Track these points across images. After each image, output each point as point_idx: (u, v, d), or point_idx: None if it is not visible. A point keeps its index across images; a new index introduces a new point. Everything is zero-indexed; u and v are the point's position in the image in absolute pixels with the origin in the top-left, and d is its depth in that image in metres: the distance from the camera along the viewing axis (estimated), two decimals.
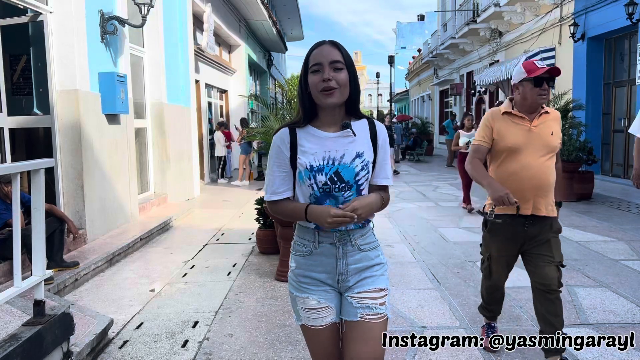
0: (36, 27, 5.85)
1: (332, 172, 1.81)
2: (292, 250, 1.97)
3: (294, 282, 1.95)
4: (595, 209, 8.25)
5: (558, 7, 13.02)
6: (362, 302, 1.87)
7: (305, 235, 1.92)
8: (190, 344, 3.51)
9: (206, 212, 8.76)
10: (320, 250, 1.89)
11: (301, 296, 1.92)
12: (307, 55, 1.83)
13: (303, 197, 1.88)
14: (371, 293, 1.88)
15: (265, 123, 6.04)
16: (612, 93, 11.74)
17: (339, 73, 1.78)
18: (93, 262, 5.07)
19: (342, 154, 1.82)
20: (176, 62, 9.22)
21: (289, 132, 1.87)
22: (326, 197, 1.83)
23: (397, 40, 54.07)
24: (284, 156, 1.86)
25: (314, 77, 1.79)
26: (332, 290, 1.92)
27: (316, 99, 1.81)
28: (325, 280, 1.90)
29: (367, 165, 1.85)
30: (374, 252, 1.94)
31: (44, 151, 6.04)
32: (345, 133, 1.84)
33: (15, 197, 2.72)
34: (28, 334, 2.66)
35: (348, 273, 1.89)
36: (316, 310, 1.90)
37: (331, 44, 1.82)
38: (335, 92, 1.77)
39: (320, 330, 1.92)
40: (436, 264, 5.34)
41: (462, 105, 23.06)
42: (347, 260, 1.88)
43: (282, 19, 24.20)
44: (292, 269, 1.96)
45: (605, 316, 3.85)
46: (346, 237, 1.88)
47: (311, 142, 1.85)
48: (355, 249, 1.89)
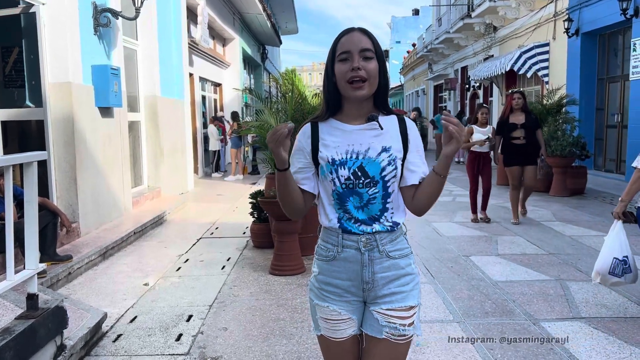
0: (28, 18, 5.79)
1: (356, 167, 1.68)
2: (315, 254, 1.82)
3: (315, 289, 1.80)
4: (588, 203, 8.30)
5: (552, 3, 13.03)
6: (389, 320, 1.71)
7: (329, 238, 1.76)
8: (184, 337, 3.50)
9: (200, 206, 8.74)
10: (344, 256, 1.72)
11: (322, 305, 1.77)
12: (335, 43, 1.70)
13: (326, 195, 1.75)
14: (400, 312, 1.72)
15: (260, 117, 6.02)
16: (605, 88, 11.78)
17: (369, 62, 1.65)
18: (86, 256, 5.05)
19: (367, 147, 1.69)
20: (170, 55, 9.17)
21: (311, 126, 1.76)
22: (350, 194, 1.69)
23: (392, 35, 53.96)
24: (305, 151, 1.75)
25: (341, 66, 1.66)
26: (355, 301, 1.76)
27: (343, 90, 1.68)
28: (349, 289, 1.74)
29: (394, 160, 1.70)
30: (405, 260, 1.75)
31: (36, 144, 6.00)
32: (372, 126, 1.70)
33: (7, 190, 2.70)
34: (21, 327, 2.65)
35: (375, 282, 1.72)
36: (337, 322, 1.76)
37: (361, 31, 1.69)
38: (365, 83, 1.65)
39: (339, 342, 1.78)
40: (430, 258, 5.36)
41: (456, 100, 23.09)
42: (373, 268, 1.72)
43: (276, 12, 24.08)
44: (314, 275, 1.81)
45: (597, 310, 3.88)
46: (373, 242, 1.71)
47: (334, 135, 1.73)
48: (384, 255, 1.72)
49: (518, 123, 6.72)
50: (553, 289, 4.34)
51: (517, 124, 6.72)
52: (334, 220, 1.74)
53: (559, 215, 7.41)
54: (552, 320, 3.70)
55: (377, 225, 1.71)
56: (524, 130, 6.70)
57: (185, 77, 10.10)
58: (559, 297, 4.17)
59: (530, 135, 6.74)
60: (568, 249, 5.56)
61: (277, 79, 6.65)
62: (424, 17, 43.45)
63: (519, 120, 6.73)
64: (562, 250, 5.56)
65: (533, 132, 6.77)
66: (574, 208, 7.93)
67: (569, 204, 8.25)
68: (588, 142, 9.89)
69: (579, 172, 9.30)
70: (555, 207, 8.03)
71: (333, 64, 1.70)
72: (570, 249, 5.60)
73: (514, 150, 6.79)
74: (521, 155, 6.77)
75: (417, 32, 39.94)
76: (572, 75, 12.23)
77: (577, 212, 7.66)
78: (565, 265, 5.02)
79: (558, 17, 12.80)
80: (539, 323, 3.64)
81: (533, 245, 5.80)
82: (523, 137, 6.70)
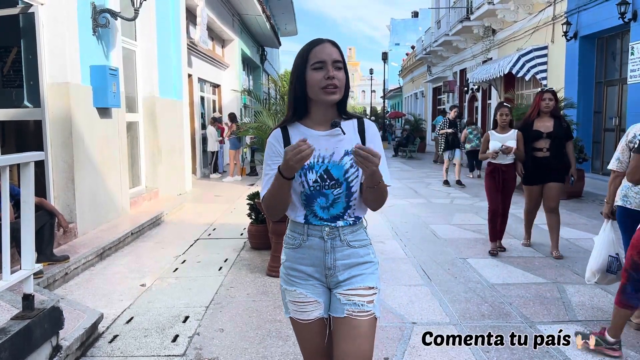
0: (27, 19, 5.79)
1: (322, 170, 1.84)
2: (284, 243, 1.99)
3: (284, 275, 1.97)
4: (585, 207, 8.32)
5: (551, 6, 13.06)
6: (349, 298, 1.87)
7: (295, 228, 1.93)
8: (180, 338, 3.50)
9: (198, 207, 8.74)
10: (309, 244, 1.90)
11: (290, 289, 1.94)
12: (307, 52, 1.84)
13: (295, 194, 1.89)
14: (359, 290, 1.88)
15: (258, 118, 6.02)
16: (603, 92, 11.80)
17: (340, 72, 1.82)
18: (83, 256, 5.05)
19: (331, 152, 1.85)
20: (169, 56, 9.17)
21: (282, 131, 1.91)
22: (317, 195, 1.86)
23: (391, 37, 54.09)
24: (279, 154, 1.87)
25: (316, 74, 1.81)
26: (320, 285, 1.93)
27: (315, 95, 1.83)
28: (312, 274, 1.91)
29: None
30: (364, 249, 1.93)
31: (34, 144, 5.99)
32: (335, 132, 1.85)
33: (4, 190, 2.70)
34: (17, 327, 2.65)
35: (336, 268, 1.89)
36: (303, 304, 1.92)
37: (331, 43, 1.85)
38: (337, 90, 1.82)
39: (307, 324, 1.94)
40: (427, 260, 5.37)
41: (455, 103, 23.11)
42: (335, 255, 1.89)
43: (276, 14, 24.10)
44: (282, 262, 1.98)
45: (593, 313, 3.89)
46: (335, 232, 1.89)
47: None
48: (345, 244, 1.89)
49: (544, 131, 5.35)
50: (549, 292, 4.35)
51: (543, 133, 5.35)
52: (300, 217, 1.91)
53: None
54: (549, 323, 3.71)
55: (341, 221, 1.89)
56: (550, 140, 5.34)
57: (183, 78, 10.10)
58: (556, 300, 4.18)
59: (558, 147, 5.36)
60: (565, 252, 5.56)
61: (276, 81, 6.66)
62: (423, 20, 43.55)
63: (545, 128, 5.36)
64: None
65: (562, 144, 5.39)
66: (571, 211, 7.94)
67: (566, 207, 8.26)
68: (586, 145, 9.91)
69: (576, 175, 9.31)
70: None
71: (304, 70, 1.84)
72: (567, 252, 5.61)
73: (535, 164, 5.43)
74: (543, 171, 5.41)
75: (416, 34, 40.03)
76: (570, 78, 12.25)
77: (574, 215, 7.67)
78: (562, 268, 5.03)
79: (557, 21, 12.83)
80: (535, 326, 3.65)
81: (530, 248, 5.80)
82: (547, 148, 5.34)
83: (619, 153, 3.83)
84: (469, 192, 10.32)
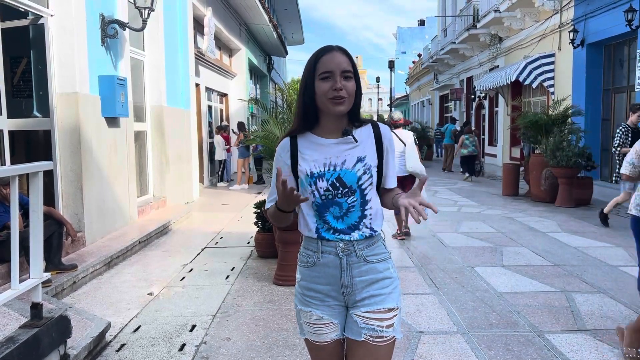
0: (37, 29, 5.86)
1: (334, 178, 1.77)
2: (298, 261, 1.91)
3: (299, 295, 1.89)
4: (594, 215, 8.25)
5: (558, 13, 13.05)
6: (367, 322, 1.78)
7: (309, 245, 1.86)
8: (187, 347, 3.50)
9: (205, 216, 8.76)
10: (324, 261, 1.81)
11: (305, 310, 1.85)
12: (315, 61, 1.78)
13: (306, 205, 1.84)
14: (378, 314, 1.78)
15: (265, 127, 6.04)
16: (611, 99, 11.75)
17: (349, 82, 1.76)
18: (91, 265, 5.07)
19: (343, 159, 1.79)
20: (176, 66, 9.24)
21: (290, 140, 1.86)
22: (330, 204, 1.79)
23: (398, 45, 54.20)
24: (286, 165, 1.84)
25: (323, 84, 1.75)
26: (337, 305, 1.84)
27: (323, 105, 1.78)
28: (329, 293, 1.82)
29: (369, 169, 1.80)
30: (384, 264, 1.84)
31: (43, 153, 6.04)
32: (347, 140, 1.80)
33: (13, 199, 2.72)
34: (25, 336, 2.66)
35: (354, 286, 1.80)
36: (319, 326, 1.84)
37: (341, 51, 1.79)
38: (345, 101, 1.76)
39: (324, 346, 1.86)
40: (434, 269, 5.34)
41: (462, 110, 23.09)
42: (351, 272, 1.80)
43: (282, 23, 24.25)
44: (297, 281, 1.90)
45: (602, 322, 3.85)
46: (350, 247, 1.80)
47: (311, 149, 1.82)
48: (361, 260, 1.80)
49: None
50: (558, 301, 4.31)
51: None
52: (312, 230, 1.83)
53: (565, 226, 7.37)
54: (557, 332, 3.68)
55: (356, 233, 1.81)
56: None
57: (191, 87, 10.17)
58: (564, 308, 4.15)
59: None
60: (573, 260, 5.53)
61: (283, 90, 6.69)
62: (430, 28, 43.66)
63: None
64: (567, 261, 5.53)
65: None
66: (579, 219, 7.89)
67: (574, 215, 8.21)
68: (594, 153, 9.85)
69: (584, 182, 9.27)
70: (561, 218, 7.99)
71: (312, 80, 1.79)
72: (576, 260, 5.57)
73: None
74: None
75: (423, 42, 40.13)
76: (577, 85, 12.22)
77: (582, 223, 7.62)
78: (571, 276, 4.99)
79: (563, 28, 12.82)
80: (543, 335, 3.62)
81: (538, 256, 5.77)
82: None
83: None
84: (475, 200, 10.28)
